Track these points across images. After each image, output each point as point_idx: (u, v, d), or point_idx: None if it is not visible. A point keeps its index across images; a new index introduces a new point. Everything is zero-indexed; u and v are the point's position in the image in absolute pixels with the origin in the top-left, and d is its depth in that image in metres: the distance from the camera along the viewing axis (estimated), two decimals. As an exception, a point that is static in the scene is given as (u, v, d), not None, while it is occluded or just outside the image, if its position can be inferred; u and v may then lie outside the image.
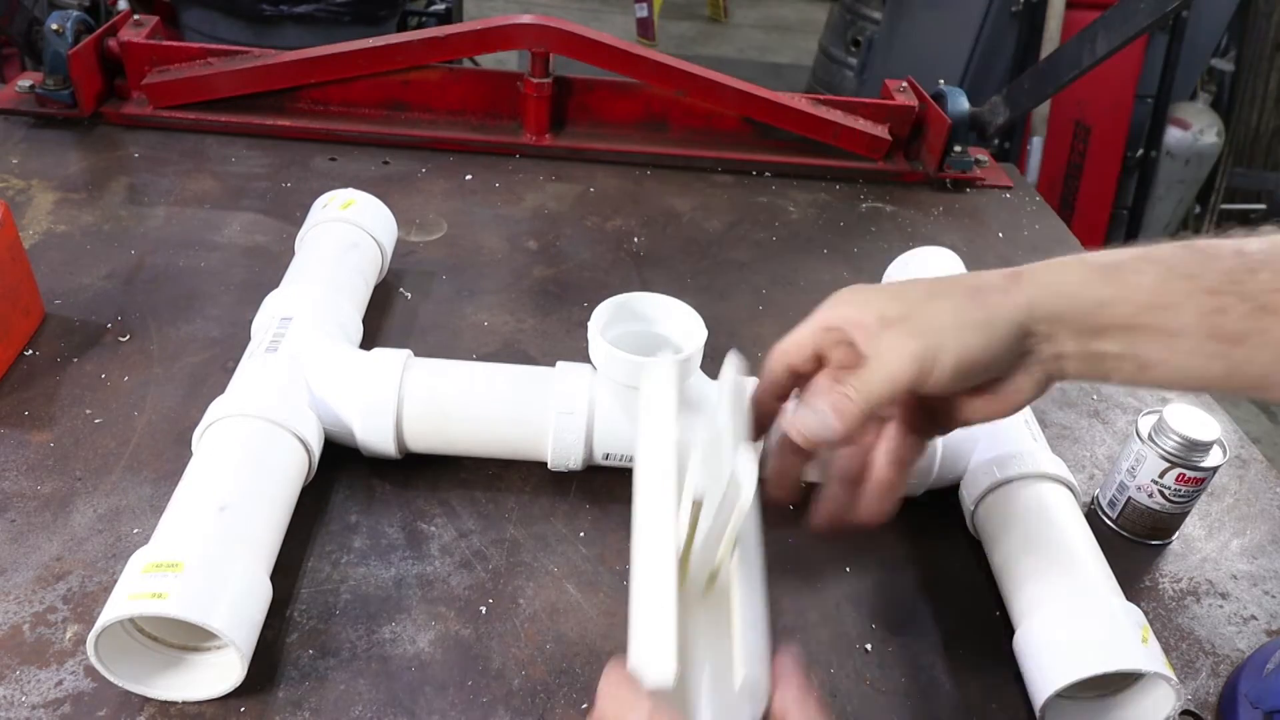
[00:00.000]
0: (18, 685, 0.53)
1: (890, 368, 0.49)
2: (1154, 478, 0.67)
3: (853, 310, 0.52)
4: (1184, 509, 0.69)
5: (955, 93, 1.14)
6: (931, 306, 0.50)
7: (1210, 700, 0.61)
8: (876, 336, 0.50)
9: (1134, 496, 0.69)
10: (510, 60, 3.02)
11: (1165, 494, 0.67)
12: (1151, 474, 0.67)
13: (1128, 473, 0.69)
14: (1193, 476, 0.66)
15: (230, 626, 0.50)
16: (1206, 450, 0.66)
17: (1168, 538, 0.72)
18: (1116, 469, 0.71)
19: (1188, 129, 2.42)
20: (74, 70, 1.02)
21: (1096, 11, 1.16)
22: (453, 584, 0.62)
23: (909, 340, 0.49)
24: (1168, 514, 0.69)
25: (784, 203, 1.11)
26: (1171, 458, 0.66)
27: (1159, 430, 0.67)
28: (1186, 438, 0.65)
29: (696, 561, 0.51)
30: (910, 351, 0.49)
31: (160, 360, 0.76)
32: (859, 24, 2.74)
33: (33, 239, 0.88)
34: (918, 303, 0.50)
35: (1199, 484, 0.67)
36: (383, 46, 1.07)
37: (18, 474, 0.65)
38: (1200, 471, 0.66)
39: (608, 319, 0.65)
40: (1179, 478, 0.66)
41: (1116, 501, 0.71)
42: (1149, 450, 0.67)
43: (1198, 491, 0.68)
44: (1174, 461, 0.66)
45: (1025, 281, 0.49)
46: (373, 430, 0.65)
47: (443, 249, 0.95)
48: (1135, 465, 0.68)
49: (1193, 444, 0.65)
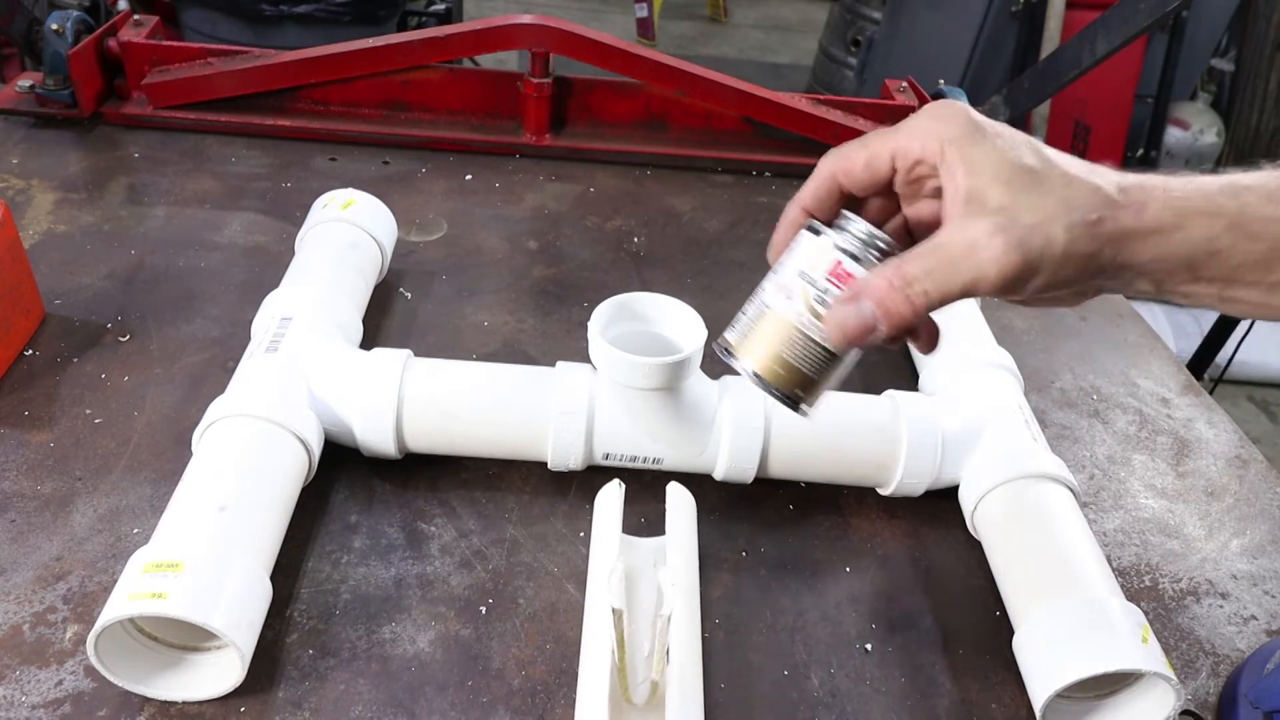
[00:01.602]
0: (18, 685, 0.53)
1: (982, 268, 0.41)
2: (802, 268, 0.47)
3: (958, 149, 0.43)
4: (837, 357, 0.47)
5: (955, 93, 1.14)
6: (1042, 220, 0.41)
7: (1210, 700, 0.61)
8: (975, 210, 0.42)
9: (768, 302, 0.49)
10: (510, 60, 3.02)
11: (809, 296, 0.46)
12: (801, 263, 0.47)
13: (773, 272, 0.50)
14: (850, 274, 0.46)
15: (230, 627, 0.50)
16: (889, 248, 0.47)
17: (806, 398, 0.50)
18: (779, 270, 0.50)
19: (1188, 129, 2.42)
20: (74, 70, 1.02)
21: (1096, 11, 1.16)
22: (453, 584, 0.62)
23: (1014, 232, 0.41)
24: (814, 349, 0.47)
25: (784, 203, 1.10)
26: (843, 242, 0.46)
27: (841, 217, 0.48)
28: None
29: (637, 672, 0.54)
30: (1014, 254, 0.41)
31: (160, 360, 0.76)
32: (859, 24, 2.74)
33: (33, 239, 0.88)
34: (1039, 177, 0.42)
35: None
36: (383, 46, 1.07)
37: (18, 474, 0.65)
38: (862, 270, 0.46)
39: (608, 319, 0.65)
40: (836, 269, 0.46)
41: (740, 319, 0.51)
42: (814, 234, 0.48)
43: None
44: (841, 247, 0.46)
45: (1149, 216, 0.42)
46: (373, 430, 0.65)
47: (443, 249, 0.95)
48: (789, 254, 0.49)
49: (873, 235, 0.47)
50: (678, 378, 0.63)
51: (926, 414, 0.68)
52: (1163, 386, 0.89)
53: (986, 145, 0.43)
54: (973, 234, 0.42)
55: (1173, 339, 2.43)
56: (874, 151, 0.46)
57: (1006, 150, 0.43)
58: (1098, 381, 0.88)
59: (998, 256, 0.41)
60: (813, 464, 0.68)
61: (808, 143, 1.15)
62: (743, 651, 0.60)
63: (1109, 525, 0.73)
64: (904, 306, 0.43)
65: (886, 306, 0.44)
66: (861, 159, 0.47)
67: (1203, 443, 0.83)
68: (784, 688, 0.58)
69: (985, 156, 0.43)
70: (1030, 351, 0.90)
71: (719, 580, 0.64)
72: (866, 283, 0.45)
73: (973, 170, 0.43)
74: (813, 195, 0.49)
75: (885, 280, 0.44)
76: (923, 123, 0.45)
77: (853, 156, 0.47)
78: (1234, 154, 2.68)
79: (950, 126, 0.44)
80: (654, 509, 0.68)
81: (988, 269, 0.42)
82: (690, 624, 0.59)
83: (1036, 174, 0.43)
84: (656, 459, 0.67)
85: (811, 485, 0.71)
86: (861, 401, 0.70)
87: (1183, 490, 0.78)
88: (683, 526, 0.64)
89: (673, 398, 0.65)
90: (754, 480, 0.68)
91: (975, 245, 0.42)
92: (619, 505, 0.57)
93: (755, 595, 0.63)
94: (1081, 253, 0.42)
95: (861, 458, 0.67)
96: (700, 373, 0.67)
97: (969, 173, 0.43)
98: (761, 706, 0.57)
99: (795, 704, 0.57)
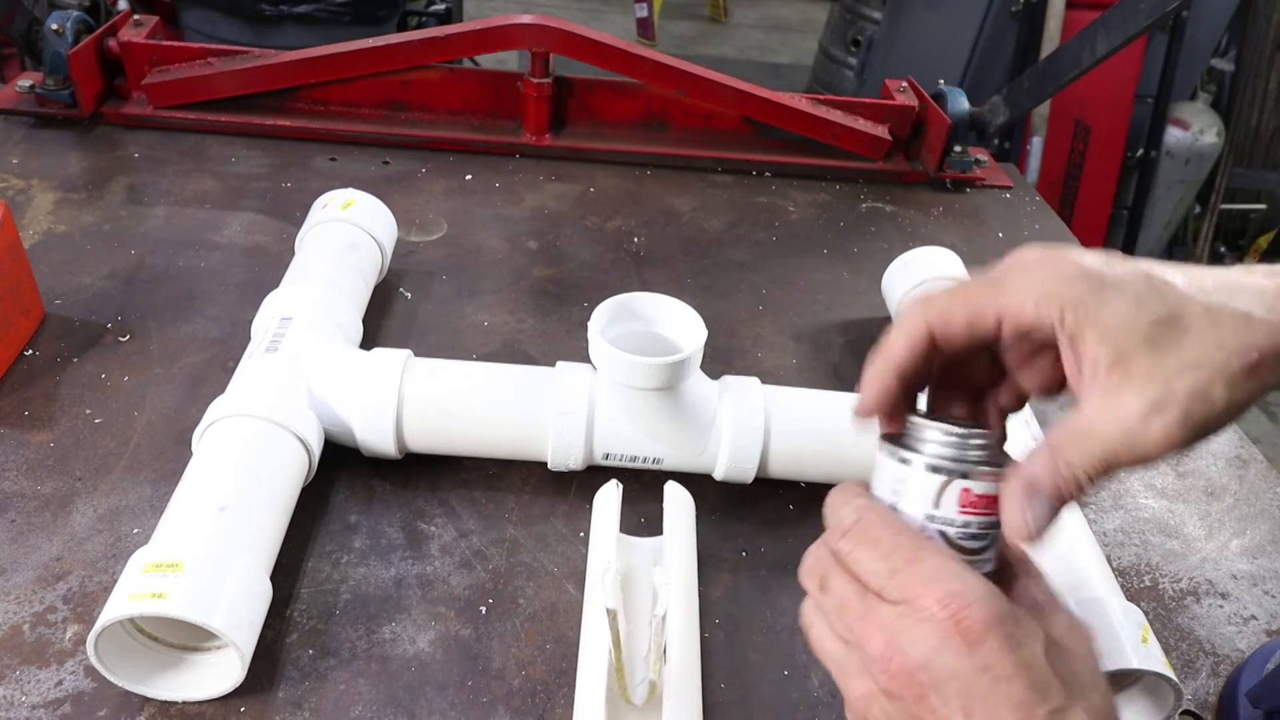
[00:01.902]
0: (18, 685, 0.53)
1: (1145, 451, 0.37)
2: (927, 510, 0.40)
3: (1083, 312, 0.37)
4: (984, 559, 0.41)
5: (955, 93, 1.14)
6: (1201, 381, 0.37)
7: (1210, 700, 0.61)
8: (1119, 382, 0.37)
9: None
10: (510, 60, 3.02)
11: (949, 536, 0.40)
12: (922, 504, 0.40)
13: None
14: (984, 494, 0.40)
15: (230, 626, 0.50)
16: (986, 440, 0.41)
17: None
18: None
19: (1188, 129, 2.42)
20: (74, 70, 1.02)
21: (1096, 11, 1.16)
22: (453, 584, 0.62)
23: (1172, 410, 0.36)
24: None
25: (784, 203, 1.11)
26: (945, 464, 0.40)
27: (917, 433, 0.41)
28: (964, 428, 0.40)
29: (635, 672, 0.54)
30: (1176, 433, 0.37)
31: (160, 360, 0.76)
32: (859, 24, 2.74)
33: (33, 239, 0.88)
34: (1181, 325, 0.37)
35: (993, 508, 0.40)
36: (383, 46, 1.07)
37: (18, 474, 0.65)
38: (995, 481, 0.40)
39: (608, 319, 0.65)
40: (965, 497, 0.40)
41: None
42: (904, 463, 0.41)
43: (994, 528, 0.40)
44: (957, 471, 0.40)
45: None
46: (373, 430, 0.65)
47: (443, 249, 0.95)
48: (894, 499, 0.41)
49: (969, 433, 0.41)
50: (678, 378, 0.63)
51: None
52: (1163, 386, 0.89)
53: (1115, 302, 0.37)
54: (1125, 414, 0.37)
55: (1173, 339, 2.42)
56: (976, 311, 0.40)
57: (1137, 303, 0.37)
58: (1098, 381, 0.88)
59: (1159, 440, 0.37)
60: (813, 464, 0.68)
61: (808, 143, 1.15)
62: (742, 651, 0.60)
63: (1109, 525, 0.73)
64: (1074, 489, 0.38)
65: (1061, 493, 0.38)
66: (962, 318, 0.40)
67: (1203, 443, 0.83)
68: (784, 688, 0.58)
69: (1115, 317, 0.37)
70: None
71: (719, 580, 0.64)
72: (1035, 477, 0.39)
73: (1105, 335, 0.37)
74: (909, 355, 0.42)
75: (1051, 470, 0.38)
76: (1034, 282, 0.39)
77: (952, 313, 0.40)
78: (1234, 154, 2.68)
79: (1067, 286, 0.38)
80: (653, 509, 0.68)
81: (1151, 451, 0.37)
82: (689, 624, 0.59)
83: (1177, 322, 0.37)
84: (656, 459, 0.67)
85: (811, 485, 0.71)
86: (861, 401, 0.70)
87: (1183, 490, 0.78)
88: (681, 526, 0.64)
89: (673, 398, 0.65)
90: (754, 480, 0.68)
91: (1132, 430, 0.37)
92: (617, 505, 0.57)
93: (755, 595, 0.63)
94: (1245, 398, 0.38)
95: (861, 458, 0.67)
96: (700, 373, 0.67)
97: (1101, 338, 0.37)
98: (761, 706, 0.57)
99: (795, 704, 0.57)
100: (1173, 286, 0.38)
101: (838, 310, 0.93)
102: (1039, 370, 0.43)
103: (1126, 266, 0.39)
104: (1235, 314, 0.37)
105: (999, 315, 0.39)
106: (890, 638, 0.37)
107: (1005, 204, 1.17)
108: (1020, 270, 0.39)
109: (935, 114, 1.14)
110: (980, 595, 0.36)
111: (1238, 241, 2.95)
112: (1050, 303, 0.38)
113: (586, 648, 0.56)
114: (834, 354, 0.87)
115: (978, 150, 1.23)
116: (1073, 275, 0.38)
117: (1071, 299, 0.38)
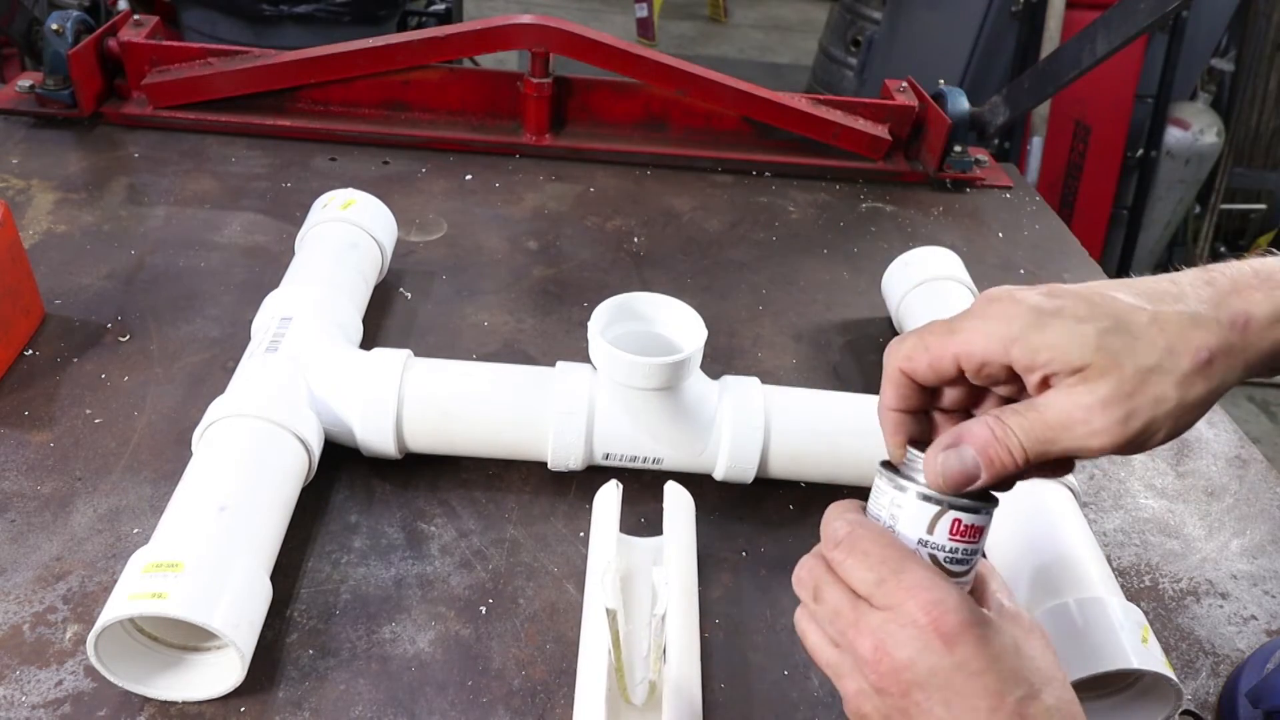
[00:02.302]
0: (18, 685, 0.53)
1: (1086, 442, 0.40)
2: (921, 535, 0.43)
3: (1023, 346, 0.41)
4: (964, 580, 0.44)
5: (955, 93, 1.14)
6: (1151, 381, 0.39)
7: (1210, 700, 0.61)
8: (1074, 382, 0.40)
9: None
10: (510, 60, 3.02)
11: (939, 559, 0.43)
12: (916, 529, 0.44)
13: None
14: (973, 525, 0.43)
15: (230, 626, 0.50)
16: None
17: None
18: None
19: (1188, 129, 2.42)
20: (74, 70, 1.02)
21: (1096, 11, 1.16)
22: (453, 584, 0.62)
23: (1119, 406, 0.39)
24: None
25: (784, 203, 1.11)
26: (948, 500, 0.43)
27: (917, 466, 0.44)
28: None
29: (635, 672, 0.54)
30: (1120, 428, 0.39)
31: (160, 360, 0.76)
32: (859, 24, 2.74)
33: (33, 239, 0.88)
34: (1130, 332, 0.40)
35: (979, 538, 0.44)
36: (383, 46, 1.07)
37: (18, 474, 0.65)
38: (982, 515, 0.44)
39: (608, 319, 0.65)
40: (955, 527, 0.43)
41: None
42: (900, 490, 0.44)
43: (977, 555, 0.44)
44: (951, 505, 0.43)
45: (1256, 327, 0.41)
46: (373, 430, 0.65)
47: (443, 249, 0.95)
48: (891, 521, 0.44)
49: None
50: (678, 378, 0.63)
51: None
52: (1163, 386, 0.89)
53: (1055, 327, 0.40)
54: (1073, 404, 0.40)
55: (1173, 339, 2.42)
56: (935, 355, 0.44)
57: (1079, 322, 0.40)
58: (1098, 381, 0.88)
59: (1102, 431, 0.39)
60: (813, 464, 0.68)
61: (808, 143, 1.15)
62: (742, 651, 0.60)
63: (1109, 525, 0.73)
64: (1006, 458, 0.42)
65: (989, 455, 0.42)
66: (924, 362, 0.44)
67: (1203, 443, 0.83)
68: (784, 688, 0.58)
69: (1058, 338, 0.40)
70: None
71: (719, 580, 0.64)
72: (969, 429, 0.43)
73: (1055, 356, 0.40)
74: (898, 399, 0.46)
75: (988, 429, 0.42)
76: (978, 324, 0.42)
77: (915, 359, 0.44)
78: (1234, 154, 2.68)
79: (1007, 324, 0.41)
80: (653, 509, 0.68)
81: (1091, 443, 0.40)
82: (689, 624, 0.59)
83: (1125, 330, 0.40)
84: (656, 459, 0.67)
85: (811, 485, 0.71)
86: (861, 401, 0.70)
87: (1183, 490, 0.78)
88: (681, 526, 0.64)
89: (673, 398, 0.65)
90: (754, 480, 0.68)
91: (1073, 419, 0.40)
92: (616, 505, 0.57)
93: (755, 595, 0.63)
94: (1199, 397, 0.40)
95: (861, 458, 0.67)
96: (700, 373, 0.67)
97: (1050, 360, 0.40)
98: (761, 706, 0.57)
99: (795, 704, 0.57)
100: (1116, 300, 0.41)
101: (838, 310, 0.93)
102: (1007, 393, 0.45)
103: (1067, 294, 0.42)
104: (1181, 315, 0.40)
105: (955, 358, 0.43)
106: (879, 641, 0.41)
107: (1005, 204, 1.17)
108: (972, 315, 0.43)
109: (935, 114, 1.14)
110: (956, 603, 0.41)
111: (1238, 241, 2.95)
112: (994, 342, 0.42)
113: (586, 648, 0.56)
114: (834, 354, 0.87)
115: (978, 150, 1.23)
116: (1013, 314, 0.41)
117: (1013, 335, 0.41)
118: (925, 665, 0.40)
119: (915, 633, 0.41)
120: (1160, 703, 0.55)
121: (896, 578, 0.42)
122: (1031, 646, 0.42)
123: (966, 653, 0.40)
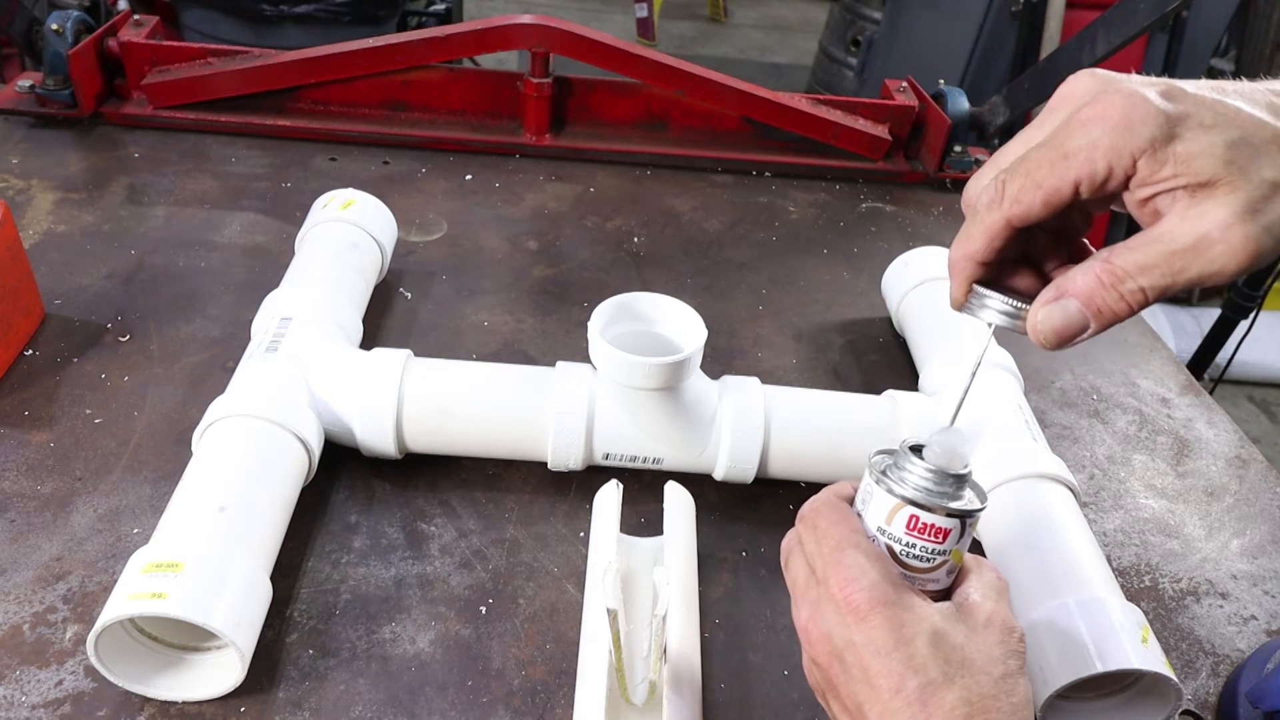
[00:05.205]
0: (18, 685, 0.53)
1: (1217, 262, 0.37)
2: (880, 524, 0.45)
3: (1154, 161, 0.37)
4: (925, 583, 0.46)
5: (955, 93, 1.14)
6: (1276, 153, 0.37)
7: (1210, 700, 0.61)
8: (1202, 198, 0.37)
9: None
10: (510, 60, 3.02)
11: (895, 550, 0.45)
12: (877, 518, 0.46)
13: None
14: (931, 524, 0.44)
15: (230, 626, 0.50)
16: (957, 487, 0.45)
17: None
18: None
19: (1188, 129, 2.42)
20: (74, 70, 1.02)
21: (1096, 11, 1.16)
22: (453, 584, 0.62)
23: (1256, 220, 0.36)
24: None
25: (784, 203, 1.11)
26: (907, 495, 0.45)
27: (899, 460, 0.46)
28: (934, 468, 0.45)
29: (635, 672, 0.54)
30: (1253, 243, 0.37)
31: (160, 360, 0.76)
32: (859, 24, 2.74)
33: (33, 239, 0.88)
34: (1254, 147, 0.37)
35: (941, 539, 0.45)
36: (383, 46, 1.06)
37: (18, 474, 0.65)
38: (945, 517, 0.44)
39: (608, 319, 0.65)
40: (912, 523, 0.45)
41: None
42: (875, 482, 0.46)
43: (941, 555, 0.45)
44: (909, 499, 0.44)
45: None
46: (373, 430, 0.65)
47: (443, 249, 0.95)
48: (861, 507, 0.47)
49: (940, 476, 0.45)
50: (678, 378, 0.63)
51: (926, 414, 0.68)
52: (1163, 386, 0.89)
53: (1185, 138, 0.37)
54: (1204, 226, 0.37)
55: (1173, 339, 2.43)
56: (1051, 189, 0.40)
57: (1206, 131, 0.37)
58: (1098, 381, 0.88)
59: (1236, 248, 0.37)
60: (813, 464, 0.68)
61: (808, 143, 1.15)
62: (742, 651, 0.60)
63: (1109, 525, 0.73)
64: (1118, 305, 0.39)
65: (1097, 305, 0.40)
66: (1038, 200, 0.40)
67: (1203, 443, 0.83)
68: (784, 688, 0.58)
69: (1185, 149, 0.37)
70: (1030, 351, 0.90)
71: (719, 580, 0.64)
72: (1071, 281, 0.41)
73: (1183, 169, 0.37)
74: (988, 248, 0.43)
75: (1094, 276, 0.40)
76: (1097, 134, 0.39)
77: (1026, 199, 0.41)
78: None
79: (1131, 135, 0.38)
80: (653, 509, 0.68)
81: (1225, 263, 0.37)
82: (689, 624, 0.59)
83: (1248, 142, 0.37)
84: (656, 459, 0.67)
85: (811, 485, 0.71)
86: (861, 401, 0.70)
87: (1183, 490, 0.78)
88: (681, 526, 0.64)
89: (673, 398, 0.65)
90: (754, 480, 0.68)
91: (1207, 238, 0.37)
92: (617, 505, 0.57)
93: (755, 595, 0.63)
94: None
95: (861, 458, 0.67)
96: (700, 373, 0.67)
97: (1178, 174, 0.38)
98: (761, 706, 0.57)
99: (795, 704, 0.57)
100: (1240, 111, 0.38)
101: (838, 310, 0.93)
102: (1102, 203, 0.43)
103: (1187, 97, 0.38)
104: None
105: (1075, 185, 0.39)
106: (812, 612, 0.44)
107: (1005, 204, 1.16)
108: (1080, 127, 0.39)
109: (935, 114, 1.14)
110: (872, 582, 0.43)
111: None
112: (1122, 156, 0.38)
113: (586, 648, 0.56)
114: (834, 354, 0.87)
115: (978, 150, 1.22)
116: (1136, 119, 0.38)
117: (1139, 147, 0.38)
118: (841, 638, 0.42)
119: (833, 607, 0.43)
120: (1160, 703, 0.55)
121: (832, 555, 0.44)
122: (960, 637, 0.42)
123: (875, 632, 0.41)
